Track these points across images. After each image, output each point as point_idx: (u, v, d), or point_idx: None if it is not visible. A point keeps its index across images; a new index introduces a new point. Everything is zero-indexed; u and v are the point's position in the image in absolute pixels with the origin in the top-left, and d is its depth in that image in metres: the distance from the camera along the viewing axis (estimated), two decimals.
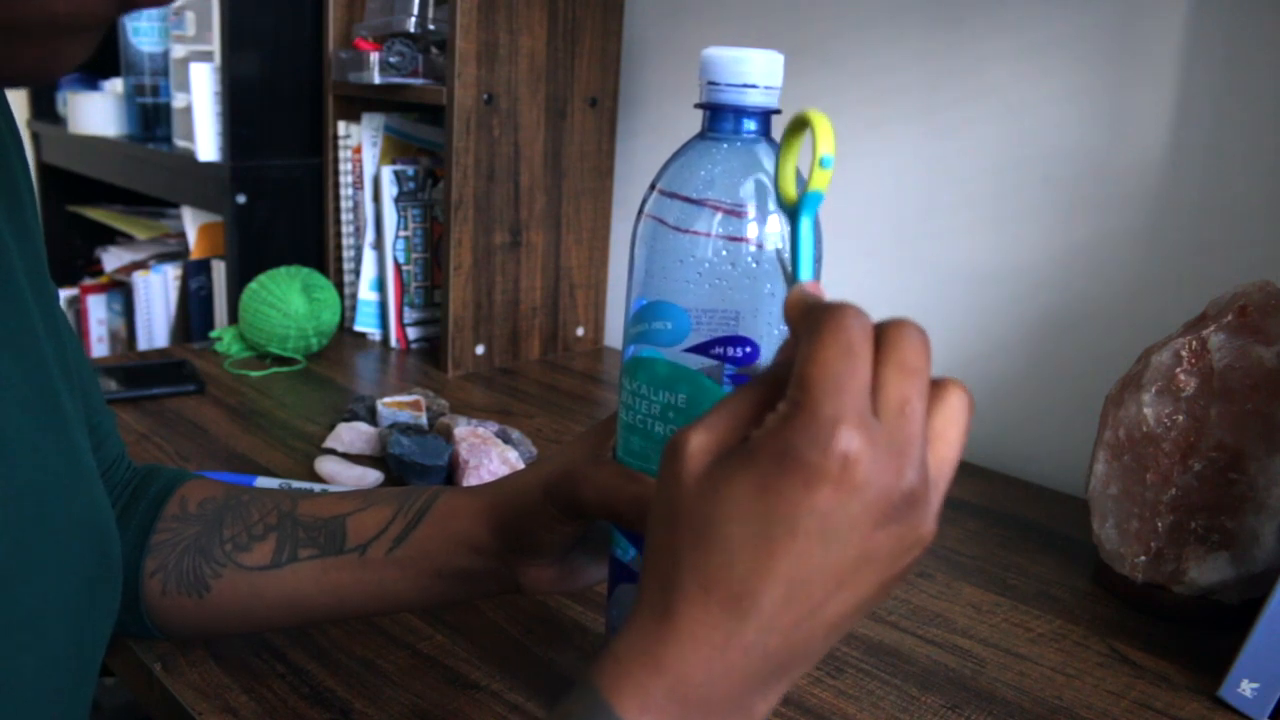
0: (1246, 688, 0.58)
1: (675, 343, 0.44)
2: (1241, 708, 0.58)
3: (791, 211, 0.37)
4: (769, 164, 0.43)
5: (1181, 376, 0.65)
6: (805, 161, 0.37)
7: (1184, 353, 0.66)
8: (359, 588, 0.52)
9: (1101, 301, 0.89)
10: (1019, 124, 0.92)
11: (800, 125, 0.37)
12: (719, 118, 0.44)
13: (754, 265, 0.43)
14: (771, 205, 0.43)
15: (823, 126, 0.35)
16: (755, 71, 0.43)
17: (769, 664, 0.33)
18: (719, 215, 0.43)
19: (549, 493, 0.48)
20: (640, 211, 0.46)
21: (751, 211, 0.43)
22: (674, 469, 0.33)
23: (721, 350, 0.43)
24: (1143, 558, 0.68)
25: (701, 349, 0.44)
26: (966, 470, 0.93)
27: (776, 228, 0.43)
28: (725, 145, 0.44)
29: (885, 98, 1.01)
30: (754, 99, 0.43)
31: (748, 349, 0.43)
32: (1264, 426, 0.64)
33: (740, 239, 0.43)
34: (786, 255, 0.39)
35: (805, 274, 0.37)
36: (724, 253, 0.43)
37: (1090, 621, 0.68)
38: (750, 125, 0.44)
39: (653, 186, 0.45)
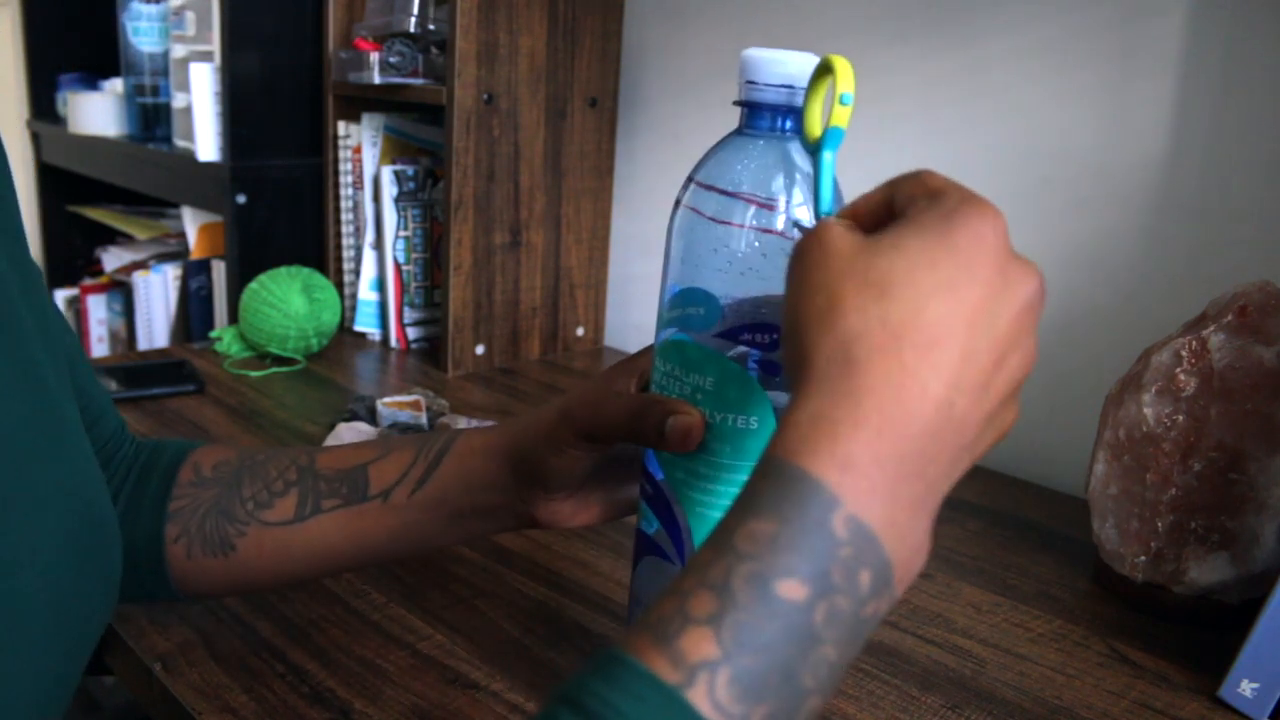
0: (1246, 688, 0.58)
1: (706, 328, 0.46)
2: (1241, 708, 0.58)
3: (814, 149, 0.41)
4: (801, 161, 0.45)
5: (1181, 376, 0.65)
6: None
7: (1184, 353, 0.66)
8: (385, 533, 0.53)
9: (1101, 301, 0.89)
10: (1019, 124, 0.92)
11: (825, 69, 0.40)
12: (756, 115, 0.46)
13: (784, 256, 0.44)
14: (800, 199, 0.45)
15: (843, 69, 0.39)
16: (792, 73, 0.45)
17: (957, 431, 0.32)
18: (752, 208, 0.45)
19: (566, 418, 0.48)
20: (677, 203, 0.48)
21: (783, 205, 0.45)
22: (824, 244, 0.34)
23: (750, 336, 0.45)
24: (1143, 558, 0.68)
25: (730, 335, 0.45)
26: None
27: (806, 218, 0.45)
28: (761, 142, 0.46)
29: (885, 98, 1.01)
30: (790, 99, 0.45)
31: (774, 336, 0.45)
32: (1264, 426, 0.64)
33: (771, 231, 0.45)
34: (809, 208, 0.43)
35: (827, 206, 0.39)
36: (756, 244, 0.45)
37: (1090, 621, 0.68)
38: (786, 123, 0.46)
39: (690, 179, 0.47)
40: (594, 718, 0.27)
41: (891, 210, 0.36)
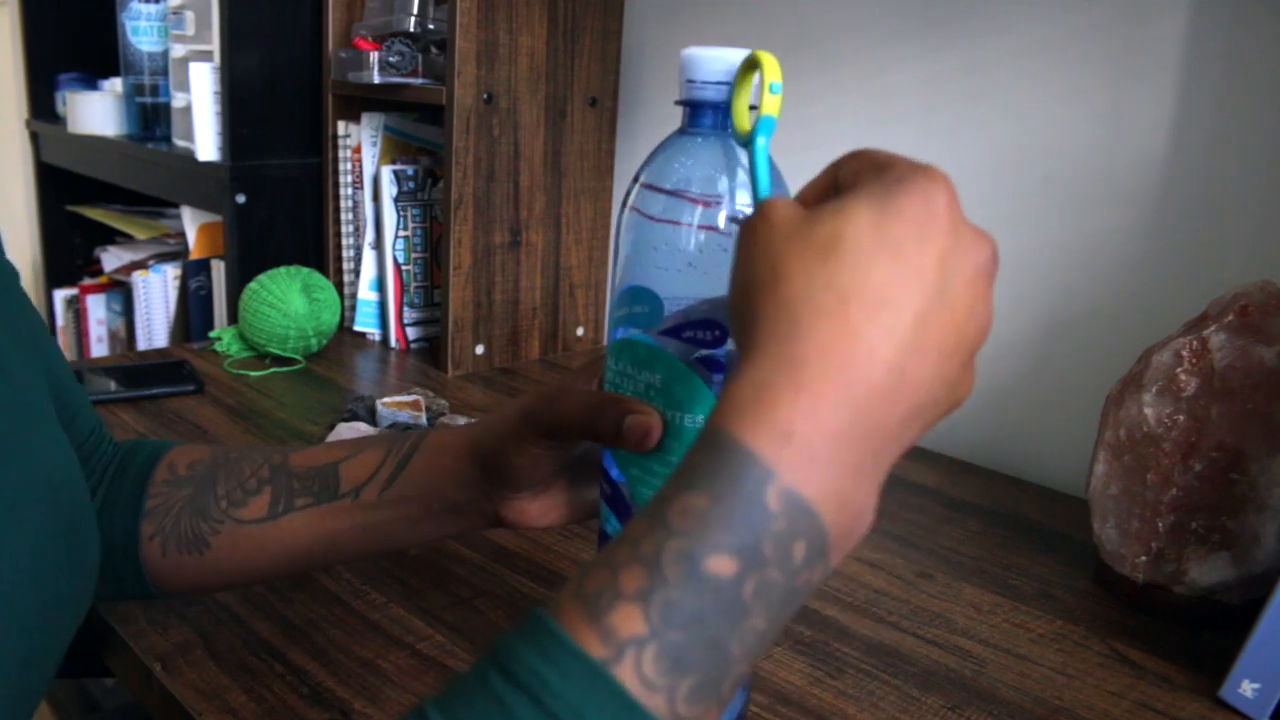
0: (1247, 688, 0.58)
1: (652, 325, 0.46)
2: (1242, 708, 0.58)
3: (746, 141, 0.41)
4: (743, 158, 0.45)
5: (1182, 376, 0.65)
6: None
7: (1184, 353, 0.66)
8: (355, 531, 0.53)
9: (1101, 301, 0.89)
10: (1019, 124, 0.92)
11: (750, 65, 0.42)
12: (697, 113, 0.46)
13: (724, 253, 0.45)
14: (743, 197, 0.45)
15: (770, 63, 0.40)
16: (728, 70, 0.45)
17: (908, 397, 0.31)
18: (691, 206, 0.45)
19: (527, 416, 0.49)
20: (624, 204, 0.48)
21: (724, 201, 0.45)
22: (768, 217, 0.34)
23: (693, 333, 0.45)
24: (1143, 558, 0.68)
25: (674, 332, 0.46)
26: (966, 470, 0.93)
27: (747, 211, 0.45)
28: (701, 140, 0.46)
29: (885, 98, 1.01)
30: (731, 95, 0.45)
31: (716, 332, 0.45)
32: (1264, 426, 0.64)
33: (712, 228, 0.45)
34: (750, 198, 0.43)
35: (765, 193, 0.40)
36: (697, 241, 0.45)
37: (1091, 622, 0.68)
38: (727, 120, 0.46)
39: (635, 180, 0.48)
40: (522, 687, 0.28)
41: (837, 189, 0.36)
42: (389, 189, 1.18)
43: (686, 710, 0.29)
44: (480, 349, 1.15)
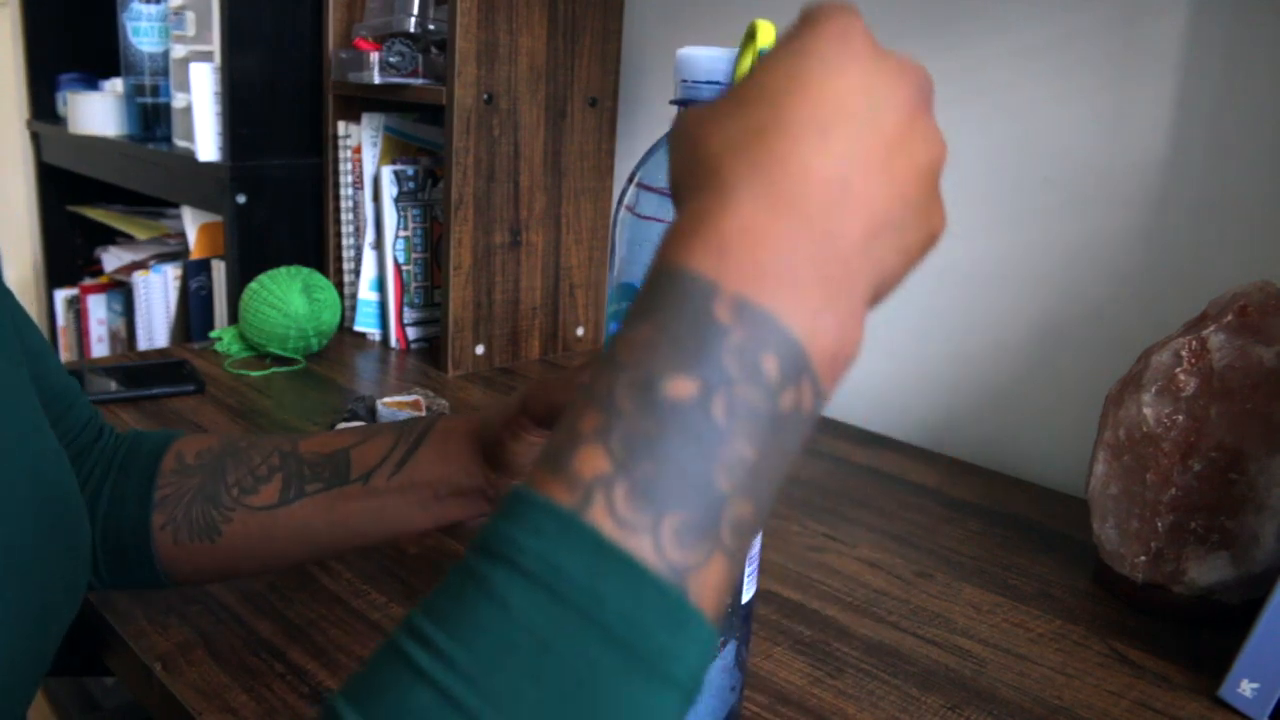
0: (1246, 688, 0.58)
1: None
2: (1241, 708, 0.58)
3: None
4: None
5: (1181, 376, 0.65)
6: None
7: (1184, 353, 0.66)
8: (366, 515, 0.54)
9: (1101, 301, 0.89)
10: (1019, 124, 0.92)
11: (751, 34, 0.42)
12: None
13: None
14: None
15: (765, 29, 0.40)
16: (724, 69, 0.45)
17: (861, 209, 0.30)
18: None
19: (525, 405, 0.51)
20: (619, 203, 0.49)
21: None
22: (693, 108, 0.33)
23: None
24: (1143, 558, 0.68)
25: None
26: (966, 470, 0.93)
27: None
28: None
29: None
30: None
31: None
32: (1264, 426, 0.64)
33: None
34: None
35: None
36: None
37: (1090, 621, 0.68)
38: None
39: (631, 179, 0.49)
40: (498, 557, 0.26)
41: None
42: (389, 189, 1.18)
43: (679, 555, 0.26)
44: (480, 349, 1.15)
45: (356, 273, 1.27)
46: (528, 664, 0.25)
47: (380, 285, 1.24)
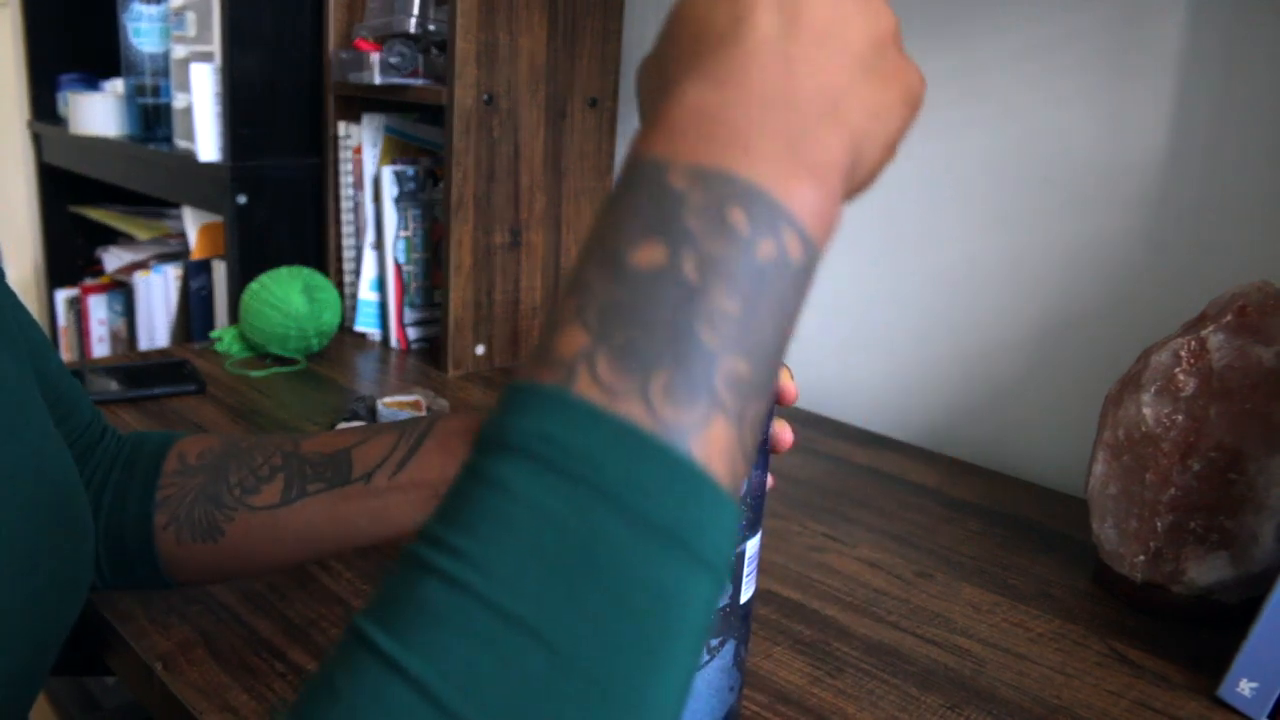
0: (1245, 687, 0.58)
1: None
2: (1240, 707, 0.58)
3: None
4: None
5: (1181, 376, 0.65)
6: None
7: (1183, 353, 0.66)
8: (367, 515, 0.54)
9: (1101, 301, 0.90)
10: (1019, 125, 0.92)
11: None
12: None
13: None
14: None
15: None
16: None
17: (811, 72, 0.30)
18: None
19: None
20: None
21: None
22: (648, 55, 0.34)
23: None
24: (1142, 557, 0.68)
25: None
26: (966, 470, 0.93)
27: None
28: None
29: None
30: None
31: None
32: (1263, 426, 0.64)
33: None
34: None
35: None
36: None
37: (1090, 621, 0.68)
38: None
39: None
40: (490, 444, 0.26)
41: None
42: (390, 189, 1.18)
43: (671, 414, 0.26)
44: (480, 349, 1.15)
45: (357, 273, 1.27)
46: (532, 540, 0.24)
47: (381, 285, 1.24)
